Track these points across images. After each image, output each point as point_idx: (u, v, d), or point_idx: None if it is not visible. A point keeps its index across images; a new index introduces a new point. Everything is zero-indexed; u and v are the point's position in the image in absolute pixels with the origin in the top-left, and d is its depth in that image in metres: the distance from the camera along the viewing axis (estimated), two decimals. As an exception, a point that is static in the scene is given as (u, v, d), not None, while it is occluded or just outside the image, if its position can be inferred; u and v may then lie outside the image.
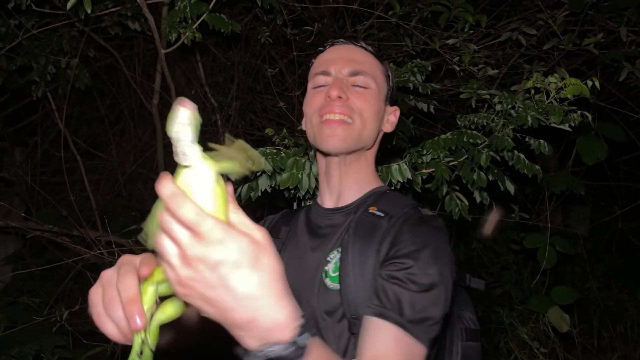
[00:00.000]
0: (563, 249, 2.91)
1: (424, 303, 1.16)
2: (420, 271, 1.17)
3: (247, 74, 3.69)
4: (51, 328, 2.60)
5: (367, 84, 1.40)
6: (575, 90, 1.99)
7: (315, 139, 1.39)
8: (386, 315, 1.13)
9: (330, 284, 1.29)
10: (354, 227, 1.32)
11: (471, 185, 2.15)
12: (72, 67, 3.04)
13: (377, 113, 1.41)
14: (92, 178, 4.05)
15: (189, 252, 0.71)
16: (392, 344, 1.10)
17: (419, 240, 1.22)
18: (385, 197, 1.42)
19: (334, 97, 1.34)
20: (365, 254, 1.26)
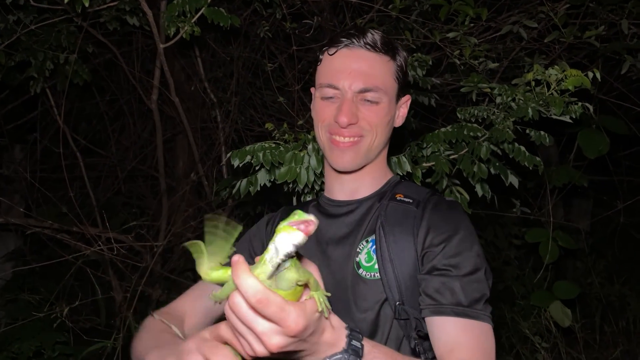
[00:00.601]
0: (565, 244, 2.90)
1: (474, 285, 1.21)
2: (460, 255, 1.23)
3: (246, 69, 3.67)
4: (52, 325, 2.59)
5: (379, 99, 1.34)
6: (576, 81, 1.97)
7: (325, 152, 1.40)
8: (444, 311, 1.18)
9: (365, 274, 1.30)
10: (385, 215, 1.33)
11: (472, 178, 2.14)
12: (70, 63, 3.03)
13: (388, 123, 1.39)
14: (92, 175, 4.04)
15: (273, 341, 0.82)
16: (462, 335, 1.16)
17: (452, 226, 1.27)
18: (403, 185, 1.44)
19: (344, 124, 1.31)
20: (403, 240, 1.28)
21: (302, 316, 0.81)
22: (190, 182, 3.71)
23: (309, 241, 0.82)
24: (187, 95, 3.83)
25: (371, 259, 1.30)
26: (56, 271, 3.43)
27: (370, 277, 1.28)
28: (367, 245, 1.32)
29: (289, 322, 0.80)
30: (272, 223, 1.53)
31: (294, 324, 0.80)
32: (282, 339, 0.81)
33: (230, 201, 3.46)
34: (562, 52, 2.91)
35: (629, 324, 4.11)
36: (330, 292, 1.30)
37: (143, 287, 3.00)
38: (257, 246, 1.50)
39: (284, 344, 0.82)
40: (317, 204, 1.50)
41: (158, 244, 3.17)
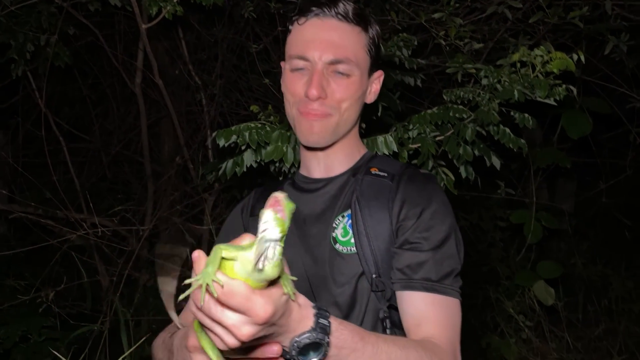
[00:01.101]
0: (548, 224, 2.95)
1: (444, 260, 1.22)
2: (432, 228, 1.24)
3: (231, 51, 3.63)
4: (37, 309, 2.58)
5: (350, 72, 1.31)
6: (561, 64, 1.98)
7: (295, 129, 1.38)
8: (414, 286, 1.20)
9: (342, 249, 1.30)
10: (360, 189, 1.33)
11: (457, 160, 2.15)
12: (51, 45, 2.97)
13: (358, 99, 1.36)
14: (76, 160, 3.99)
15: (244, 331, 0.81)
16: (430, 310, 1.18)
17: (425, 198, 1.28)
18: (378, 159, 1.44)
19: (314, 97, 1.27)
20: (378, 214, 1.28)
21: (269, 303, 0.80)
22: (175, 166, 3.68)
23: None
24: (171, 79, 3.78)
25: (347, 233, 1.30)
26: (41, 257, 3.39)
27: (347, 251, 1.29)
28: (343, 220, 1.32)
29: (256, 310, 0.79)
30: (246, 209, 1.52)
31: (262, 311, 0.79)
32: (252, 328, 0.81)
33: (217, 185, 3.45)
34: (547, 33, 2.92)
35: (611, 303, 4.20)
36: (309, 269, 1.32)
37: (130, 271, 2.99)
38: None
39: (254, 332, 0.81)
40: (293, 182, 1.49)
41: (144, 228, 3.15)
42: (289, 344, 0.91)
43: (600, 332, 3.77)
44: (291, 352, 0.91)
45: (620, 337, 3.65)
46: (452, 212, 1.31)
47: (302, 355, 0.92)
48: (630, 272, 4.46)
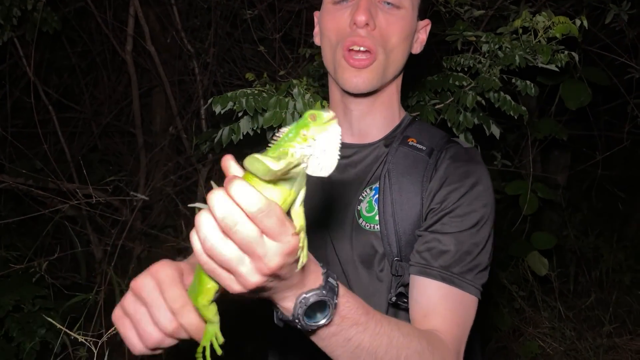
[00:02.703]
0: (544, 195, 2.95)
1: (472, 252, 1.11)
2: (467, 216, 1.13)
3: (224, 18, 3.54)
4: (30, 279, 2.55)
5: (400, 2, 1.19)
6: (564, 29, 1.95)
7: (336, 72, 1.24)
8: (431, 273, 1.09)
9: (365, 225, 1.21)
10: (393, 162, 1.21)
11: (456, 127, 2.13)
12: (39, 10, 2.88)
13: (406, 38, 1.24)
14: (66, 130, 3.92)
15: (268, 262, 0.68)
16: (441, 302, 1.08)
17: (467, 182, 1.16)
18: (417, 126, 1.31)
19: (361, 24, 1.16)
20: (409, 191, 1.18)
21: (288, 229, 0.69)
22: (168, 136, 3.62)
23: (310, 182, 0.73)
24: (163, 47, 3.70)
25: (372, 209, 1.21)
26: (33, 227, 3.36)
27: (370, 228, 1.20)
28: (370, 194, 1.22)
29: (289, 237, 0.68)
30: None
31: (294, 240, 0.69)
32: (281, 259, 0.68)
33: (211, 156, 3.40)
34: (548, 1, 2.87)
35: (602, 274, 4.25)
36: (331, 237, 1.22)
37: (123, 241, 2.96)
38: None
39: (281, 264, 0.69)
40: None
41: (137, 199, 3.11)
42: (294, 302, 0.81)
43: (591, 302, 3.82)
44: (295, 312, 0.81)
45: (610, 307, 3.70)
46: (493, 201, 1.18)
47: (307, 317, 0.82)
48: (621, 244, 4.51)
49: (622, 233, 4.66)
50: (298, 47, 3.32)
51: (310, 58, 2.79)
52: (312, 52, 2.77)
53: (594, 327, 3.64)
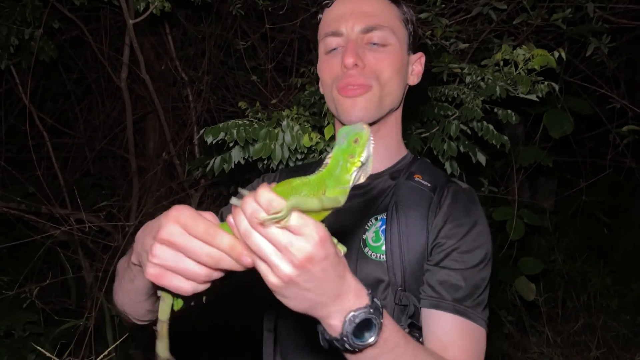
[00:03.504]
0: (530, 221, 3.00)
1: (480, 287, 1.16)
2: (473, 252, 1.17)
3: (218, 47, 3.63)
4: (21, 305, 2.56)
5: (385, 40, 1.25)
6: (542, 60, 2.03)
7: (337, 111, 1.30)
8: (445, 306, 1.13)
9: (371, 254, 1.23)
10: (401, 195, 1.25)
11: (441, 155, 2.19)
12: (36, 39, 2.94)
13: (399, 71, 1.28)
14: (60, 155, 3.96)
15: (296, 253, 0.74)
16: (458, 334, 1.11)
17: (470, 219, 1.21)
18: (420, 164, 1.36)
19: (350, 65, 1.22)
20: (415, 225, 1.22)
21: (322, 228, 0.76)
22: (161, 162, 3.67)
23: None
24: (157, 74, 3.77)
25: (379, 239, 1.23)
26: (24, 253, 3.36)
27: (375, 257, 1.22)
28: (376, 224, 1.25)
29: (310, 229, 0.74)
30: (272, 181, 1.43)
31: (318, 232, 0.75)
32: (308, 249, 0.74)
33: (203, 181, 3.45)
34: (530, 35, 2.97)
35: (590, 298, 4.29)
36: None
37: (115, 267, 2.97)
38: None
39: (309, 255, 0.74)
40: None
41: (129, 224, 3.14)
42: (343, 319, 0.83)
43: (579, 326, 3.85)
44: (344, 330, 0.82)
45: (598, 331, 3.74)
46: (491, 237, 1.24)
47: (355, 337, 0.83)
48: (608, 269, 4.57)
49: (609, 257, 4.73)
50: (290, 75, 3.40)
51: (301, 87, 2.86)
52: (304, 81, 2.85)
53: (581, 352, 3.66)
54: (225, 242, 0.79)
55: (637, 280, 4.45)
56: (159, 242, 0.80)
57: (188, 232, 0.79)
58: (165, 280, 0.81)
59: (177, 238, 0.79)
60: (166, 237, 0.79)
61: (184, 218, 0.79)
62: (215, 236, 0.79)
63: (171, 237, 0.79)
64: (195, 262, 0.80)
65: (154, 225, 0.85)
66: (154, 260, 0.81)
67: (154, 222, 0.87)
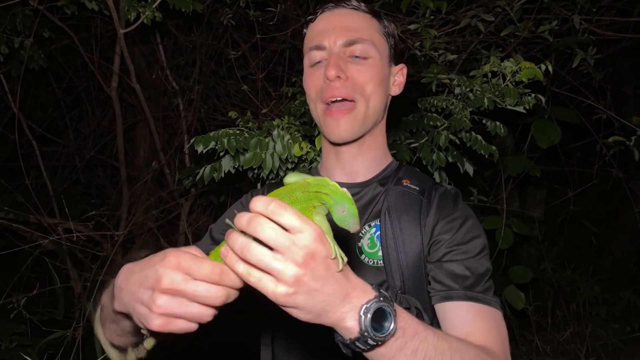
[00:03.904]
0: (519, 230, 3.02)
1: (483, 270, 1.18)
2: (471, 242, 1.21)
3: (209, 57, 3.64)
4: (8, 315, 2.53)
5: (367, 53, 1.29)
6: (530, 73, 2.06)
7: (321, 126, 1.34)
8: (457, 296, 1.15)
9: (368, 261, 1.26)
10: (392, 200, 1.28)
11: (431, 166, 2.21)
12: (25, 48, 2.94)
13: (381, 83, 1.32)
14: (49, 164, 3.93)
15: (298, 250, 0.75)
16: (477, 320, 1.12)
17: (460, 214, 1.25)
18: (407, 169, 1.39)
19: (332, 77, 1.25)
20: (409, 228, 1.24)
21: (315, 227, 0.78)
22: (151, 171, 3.66)
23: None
24: (148, 83, 3.77)
25: (374, 245, 1.26)
26: (12, 262, 3.33)
27: (373, 263, 1.25)
28: (370, 231, 1.28)
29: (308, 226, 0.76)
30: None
31: (315, 229, 0.77)
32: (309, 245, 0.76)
33: (193, 190, 3.44)
34: (518, 46, 3.01)
35: (579, 307, 4.32)
36: None
37: (103, 277, 2.96)
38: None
39: (311, 250, 0.76)
40: None
41: (119, 233, 3.12)
42: (358, 314, 0.83)
43: (568, 335, 3.87)
44: (362, 324, 0.82)
45: (587, 340, 3.75)
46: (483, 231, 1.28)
47: (374, 330, 0.83)
48: (597, 278, 4.60)
49: (597, 266, 4.76)
50: (280, 85, 3.42)
51: (292, 96, 2.88)
52: (294, 90, 2.86)
53: (571, 360, 3.68)
54: (232, 277, 0.79)
55: (625, 288, 4.49)
56: (161, 292, 0.79)
57: (192, 276, 0.79)
58: (172, 326, 0.81)
59: (182, 285, 0.79)
60: (169, 286, 0.79)
61: (185, 263, 0.79)
62: (222, 274, 0.79)
63: (175, 285, 0.79)
64: (202, 304, 0.80)
65: (145, 273, 0.83)
66: (158, 311, 0.79)
67: (143, 270, 0.84)
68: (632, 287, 4.51)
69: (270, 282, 0.77)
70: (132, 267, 0.88)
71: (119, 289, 0.88)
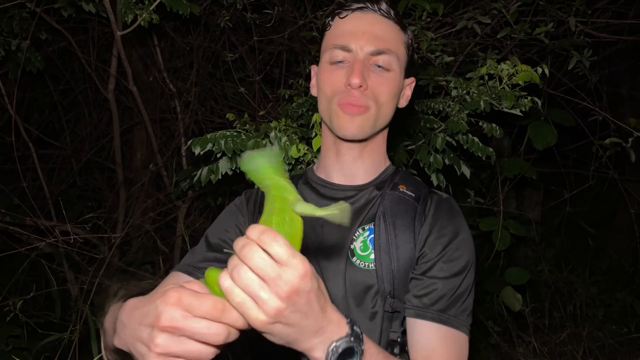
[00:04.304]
0: (516, 231, 3.03)
1: (463, 295, 1.20)
2: (456, 261, 1.22)
3: (206, 59, 3.64)
4: (4, 318, 2.52)
5: (389, 65, 1.30)
6: (526, 76, 2.07)
7: (331, 122, 1.33)
8: (429, 316, 1.18)
9: (360, 263, 1.26)
10: (387, 205, 1.29)
11: (428, 168, 2.22)
12: (22, 50, 2.93)
13: (394, 96, 1.34)
14: (46, 167, 3.93)
15: (283, 285, 0.77)
16: (441, 343, 1.16)
17: (453, 228, 1.26)
18: (403, 175, 1.41)
19: (355, 86, 1.25)
20: (403, 233, 1.26)
21: (303, 261, 0.78)
22: (148, 173, 3.66)
23: (306, 222, 0.85)
24: (145, 85, 3.77)
25: (367, 248, 1.27)
26: (8, 265, 3.32)
27: (364, 266, 1.26)
28: (364, 234, 1.29)
29: (296, 260, 0.77)
30: (255, 202, 1.42)
31: (303, 265, 0.78)
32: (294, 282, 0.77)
33: (190, 192, 3.44)
34: (514, 48, 3.03)
35: (576, 308, 4.32)
36: (326, 276, 1.26)
37: (100, 279, 2.95)
38: (243, 222, 1.40)
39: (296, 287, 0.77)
40: (307, 181, 1.43)
41: (116, 236, 3.12)
42: (326, 350, 0.86)
43: (565, 336, 3.88)
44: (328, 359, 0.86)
45: (584, 341, 3.76)
46: (474, 245, 1.29)
47: None
48: (593, 279, 4.61)
49: (594, 268, 4.77)
50: (278, 87, 3.42)
51: (289, 99, 2.88)
52: (291, 93, 2.87)
53: (568, 362, 3.69)
54: (234, 315, 0.79)
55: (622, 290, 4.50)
56: (161, 330, 0.77)
57: (193, 313, 0.78)
58: None
59: (182, 323, 0.77)
60: (168, 323, 0.77)
61: (186, 299, 0.78)
62: (224, 311, 0.79)
63: (175, 322, 0.77)
64: (202, 343, 0.79)
65: (145, 310, 0.82)
66: (157, 350, 0.78)
67: (145, 306, 0.83)
68: (629, 288, 4.52)
69: (254, 308, 0.78)
70: (135, 302, 0.86)
71: (121, 325, 0.87)
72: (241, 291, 0.77)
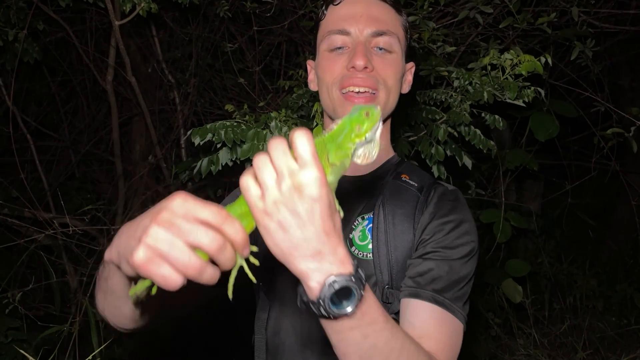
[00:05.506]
0: (517, 223, 3.02)
1: (460, 279, 1.15)
2: (457, 248, 1.18)
3: (205, 50, 3.61)
4: (3, 310, 2.51)
5: (391, 47, 1.27)
6: (529, 66, 2.05)
7: (335, 112, 1.30)
8: (424, 295, 1.12)
9: (358, 253, 1.24)
10: (387, 194, 1.27)
11: (429, 159, 2.20)
12: (20, 40, 2.90)
13: (400, 79, 1.31)
14: (44, 158, 3.90)
15: (290, 178, 0.74)
16: (435, 325, 1.09)
17: (456, 217, 1.22)
18: (406, 166, 1.37)
19: (360, 67, 1.22)
20: (402, 223, 1.23)
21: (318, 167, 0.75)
22: (148, 165, 3.63)
23: None
24: (143, 76, 3.74)
25: (365, 237, 1.24)
26: (7, 257, 3.31)
27: (362, 256, 1.23)
28: (363, 223, 1.26)
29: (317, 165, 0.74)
30: None
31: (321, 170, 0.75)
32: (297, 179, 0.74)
33: (190, 184, 3.42)
34: (516, 38, 3.00)
35: (576, 300, 4.33)
36: None
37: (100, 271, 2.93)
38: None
39: (298, 183, 0.74)
40: None
41: (115, 228, 3.10)
42: (323, 281, 0.79)
43: (565, 328, 3.88)
44: (322, 294, 0.79)
45: (584, 333, 3.76)
46: (477, 237, 1.24)
47: (333, 304, 0.80)
48: (593, 271, 4.62)
49: (594, 259, 4.77)
50: (277, 78, 3.39)
51: (289, 90, 2.86)
52: (291, 84, 2.84)
53: (568, 353, 3.69)
54: (235, 229, 0.74)
55: (622, 281, 4.50)
56: (157, 223, 0.72)
57: (195, 215, 0.73)
58: (153, 268, 0.71)
59: (181, 221, 0.72)
60: (168, 217, 0.72)
61: (191, 201, 0.74)
62: (226, 219, 0.74)
63: (174, 218, 0.72)
64: (190, 251, 0.72)
65: (147, 212, 0.78)
66: (147, 240, 0.71)
67: (148, 212, 0.78)
68: (629, 280, 4.52)
69: (256, 195, 0.76)
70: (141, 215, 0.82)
71: (118, 235, 0.83)
72: (251, 178, 0.76)
